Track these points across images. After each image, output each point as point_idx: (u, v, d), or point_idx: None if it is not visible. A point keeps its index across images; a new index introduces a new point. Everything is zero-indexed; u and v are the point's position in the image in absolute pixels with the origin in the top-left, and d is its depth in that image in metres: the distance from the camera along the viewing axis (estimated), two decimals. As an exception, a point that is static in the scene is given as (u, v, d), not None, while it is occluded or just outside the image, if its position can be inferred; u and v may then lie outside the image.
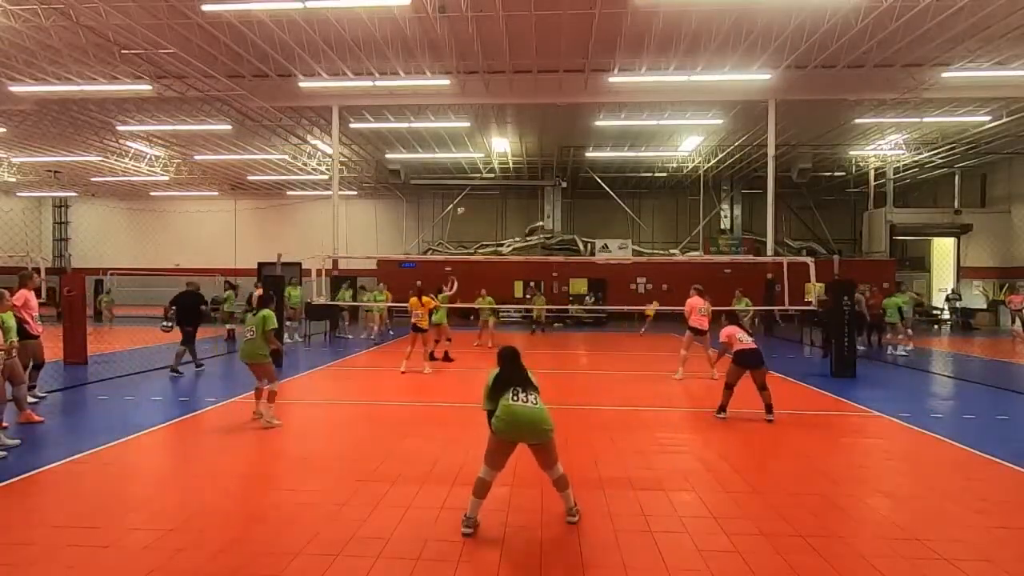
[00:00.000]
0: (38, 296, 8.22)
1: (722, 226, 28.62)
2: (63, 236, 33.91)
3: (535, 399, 4.14)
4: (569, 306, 23.67)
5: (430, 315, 11.26)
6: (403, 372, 10.62)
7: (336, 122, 18.19)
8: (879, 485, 5.04)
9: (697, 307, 10.52)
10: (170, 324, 10.47)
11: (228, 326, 16.21)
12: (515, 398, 4.09)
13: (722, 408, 7.52)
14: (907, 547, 3.83)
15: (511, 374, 4.22)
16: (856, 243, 29.23)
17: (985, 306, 23.44)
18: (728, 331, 7.56)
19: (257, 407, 7.00)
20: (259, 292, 13.29)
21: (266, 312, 6.91)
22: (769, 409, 7.32)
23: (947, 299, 23.83)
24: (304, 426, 7.21)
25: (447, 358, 12.29)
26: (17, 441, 5.91)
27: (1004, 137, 20.80)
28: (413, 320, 10.92)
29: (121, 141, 22.30)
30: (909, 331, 14.73)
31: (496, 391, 4.18)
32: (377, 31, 13.41)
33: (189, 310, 10.58)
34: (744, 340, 7.41)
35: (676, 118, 19.07)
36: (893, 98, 16.29)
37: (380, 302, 17.22)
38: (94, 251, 30.81)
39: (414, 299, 11.05)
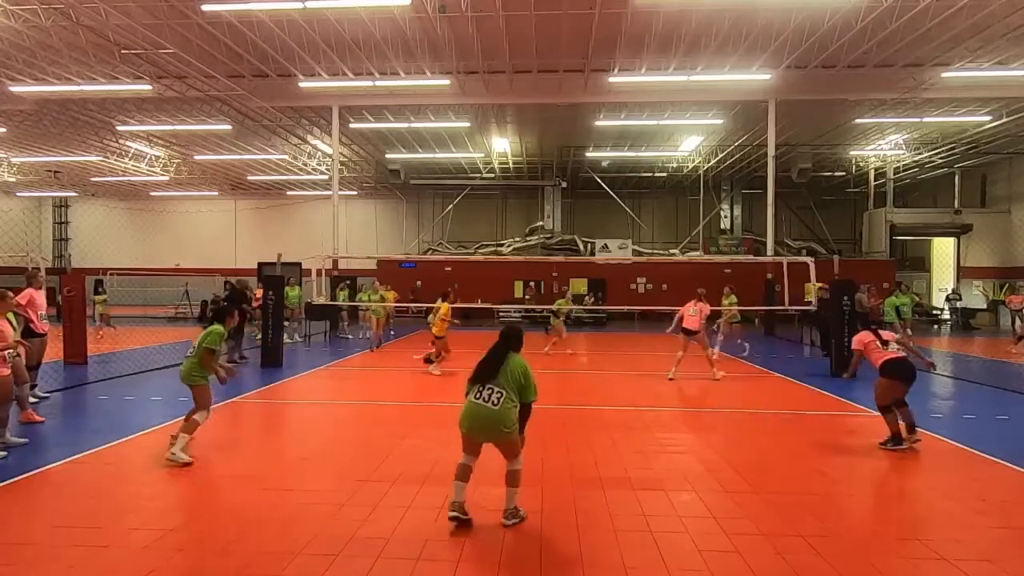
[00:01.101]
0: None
1: (722, 226, 28.62)
2: (63, 236, 33.93)
3: (499, 397, 3.98)
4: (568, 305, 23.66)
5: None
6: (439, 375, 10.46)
7: (336, 122, 18.20)
8: (879, 485, 5.04)
9: (688, 309, 10.43)
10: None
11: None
12: (477, 396, 4.04)
13: (895, 438, 5.93)
14: (907, 547, 3.83)
15: (484, 366, 4.14)
16: (856, 243, 29.23)
17: (985, 306, 23.44)
18: (861, 338, 6.22)
19: (179, 443, 5.36)
20: (258, 294, 13.32)
21: (213, 328, 5.57)
22: (912, 428, 5.95)
23: (947, 299, 23.82)
24: (304, 426, 7.21)
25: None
26: (24, 440, 5.93)
27: (1004, 137, 20.80)
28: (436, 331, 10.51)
29: (121, 141, 22.31)
30: (908, 331, 14.73)
31: (470, 382, 4.17)
32: (377, 31, 13.41)
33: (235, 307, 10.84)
34: (889, 348, 6.00)
35: (676, 118, 19.07)
36: (893, 98, 16.29)
37: (376, 301, 17.12)
38: (94, 251, 30.83)
39: (446, 305, 10.53)
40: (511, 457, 4.08)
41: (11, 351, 5.76)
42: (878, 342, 6.13)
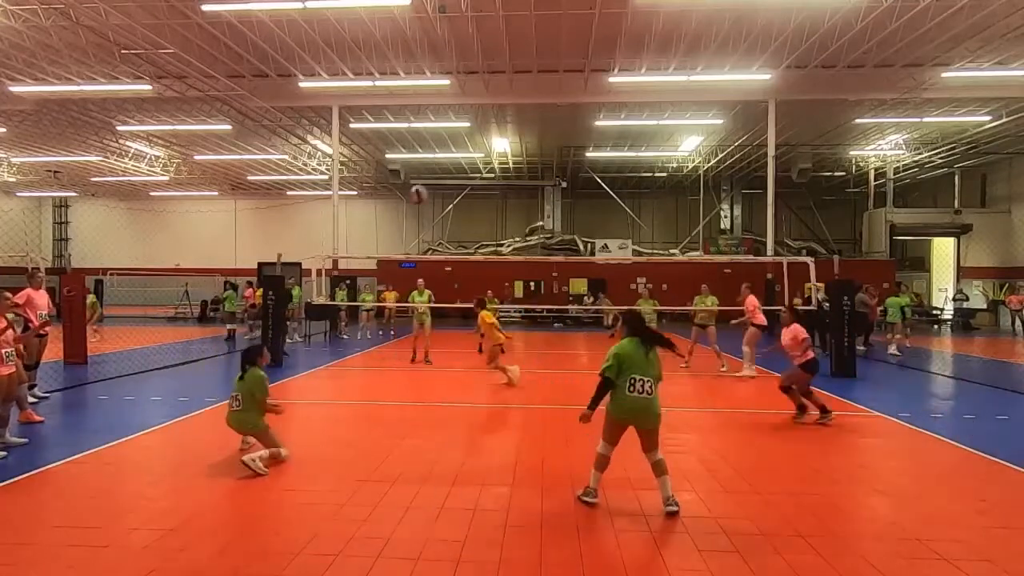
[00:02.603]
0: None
1: (722, 226, 28.62)
2: (63, 236, 33.93)
3: (651, 387, 4.28)
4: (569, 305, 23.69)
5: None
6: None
7: (336, 122, 18.19)
8: (879, 485, 5.04)
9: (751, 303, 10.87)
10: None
11: (228, 326, 16.25)
12: (631, 389, 4.26)
13: (801, 408, 7.31)
14: (907, 547, 3.82)
15: (637, 358, 4.32)
16: (856, 243, 29.24)
17: (985, 306, 23.44)
18: (801, 332, 7.22)
19: (248, 453, 5.41)
20: (252, 293, 13.43)
21: (252, 373, 5.60)
22: (824, 410, 7.16)
23: (954, 299, 23.73)
24: (304, 426, 7.21)
25: (427, 359, 11.87)
26: (24, 440, 5.93)
27: (1004, 137, 20.81)
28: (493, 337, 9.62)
29: (121, 141, 22.32)
30: (908, 330, 14.80)
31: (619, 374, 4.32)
32: (377, 31, 13.41)
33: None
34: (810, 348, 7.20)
35: (676, 118, 19.07)
36: (893, 98, 16.29)
37: (369, 301, 17.29)
38: (94, 251, 30.83)
39: (487, 314, 9.75)
40: (655, 447, 4.34)
41: (9, 350, 5.77)
42: (808, 340, 7.26)
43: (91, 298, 17.70)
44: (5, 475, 4.98)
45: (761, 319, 10.60)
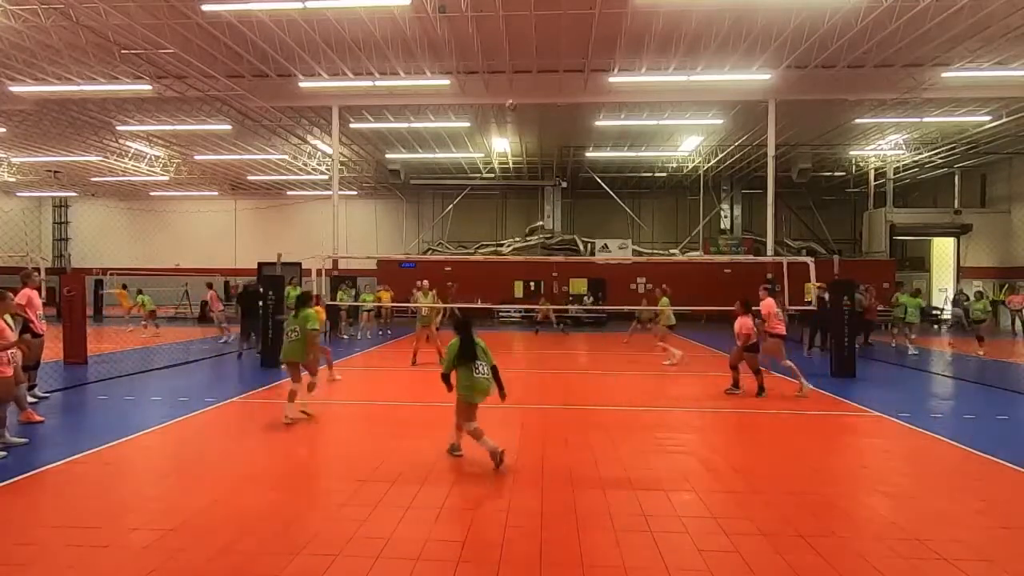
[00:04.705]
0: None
1: (722, 226, 28.62)
2: (63, 236, 33.94)
3: (486, 368, 5.32)
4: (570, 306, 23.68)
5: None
6: None
7: (336, 122, 18.19)
8: (879, 485, 5.04)
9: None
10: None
11: (225, 326, 16.18)
12: (477, 372, 5.25)
13: (735, 384, 8.91)
14: (907, 547, 3.82)
15: (469, 349, 5.32)
16: (856, 243, 29.24)
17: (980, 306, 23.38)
18: (748, 322, 8.52)
19: (291, 409, 6.89)
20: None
21: (305, 312, 6.89)
22: (761, 389, 8.66)
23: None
24: (304, 426, 7.21)
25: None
26: (24, 440, 5.93)
27: (1004, 137, 20.81)
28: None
29: (121, 141, 22.31)
30: (904, 331, 14.91)
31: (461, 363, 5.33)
32: (377, 31, 13.41)
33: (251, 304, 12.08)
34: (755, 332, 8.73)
35: (676, 118, 19.07)
36: (893, 98, 16.29)
37: (370, 301, 17.37)
38: (94, 251, 30.82)
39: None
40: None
41: (11, 351, 5.76)
42: (755, 327, 8.58)
43: (143, 298, 17.76)
44: (5, 475, 4.97)
45: (779, 328, 9.06)
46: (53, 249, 33.44)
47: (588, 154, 23.79)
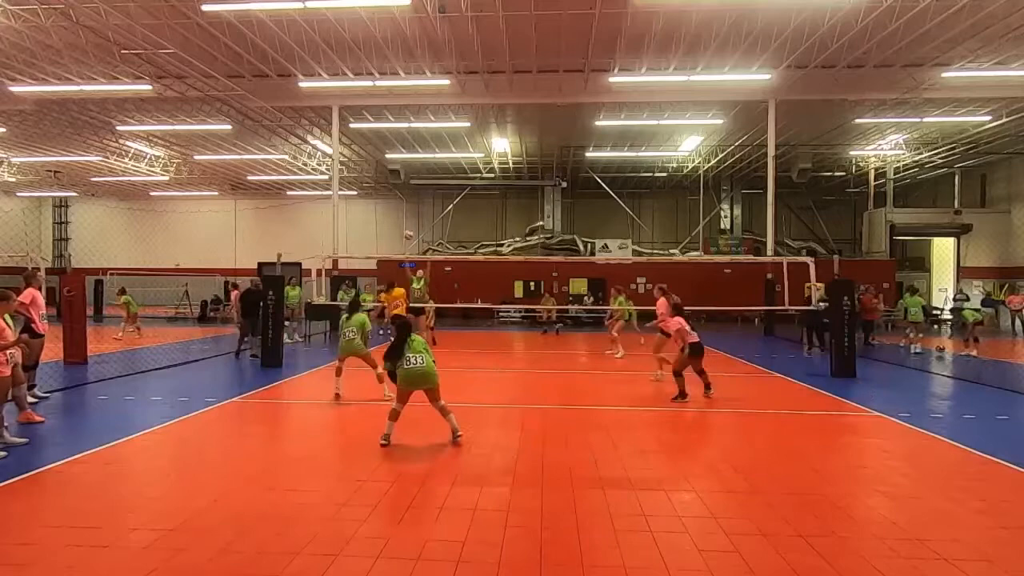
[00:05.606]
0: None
1: (722, 226, 28.61)
2: (63, 236, 33.94)
3: (421, 359, 5.96)
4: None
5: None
6: None
7: (336, 122, 18.19)
8: (879, 485, 5.04)
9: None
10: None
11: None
12: (408, 363, 5.90)
13: (682, 394, 8.40)
14: (907, 547, 3.82)
15: (399, 346, 5.98)
16: (856, 243, 29.23)
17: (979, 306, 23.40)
18: (681, 322, 8.33)
19: (337, 388, 8.61)
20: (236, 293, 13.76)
21: (357, 316, 8.44)
22: (708, 387, 8.59)
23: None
24: (304, 426, 7.21)
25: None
26: (24, 440, 5.93)
27: (1004, 137, 20.81)
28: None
29: (121, 141, 22.31)
30: (908, 331, 14.90)
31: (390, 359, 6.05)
32: (377, 31, 13.41)
33: (253, 305, 11.95)
34: (693, 332, 8.34)
35: (676, 118, 19.07)
36: (893, 98, 16.29)
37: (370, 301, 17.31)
38: (94, 251, 30.82)
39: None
40: (438, 399, 6.10)
41: (10, 351, 5.76)
42: (688, 327, 8.29)
43: (125, 297, 17.27)
44: (5, 475, 4.97)
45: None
46: (53, 249, 33.43)
47: (588, 154, 23.79)
